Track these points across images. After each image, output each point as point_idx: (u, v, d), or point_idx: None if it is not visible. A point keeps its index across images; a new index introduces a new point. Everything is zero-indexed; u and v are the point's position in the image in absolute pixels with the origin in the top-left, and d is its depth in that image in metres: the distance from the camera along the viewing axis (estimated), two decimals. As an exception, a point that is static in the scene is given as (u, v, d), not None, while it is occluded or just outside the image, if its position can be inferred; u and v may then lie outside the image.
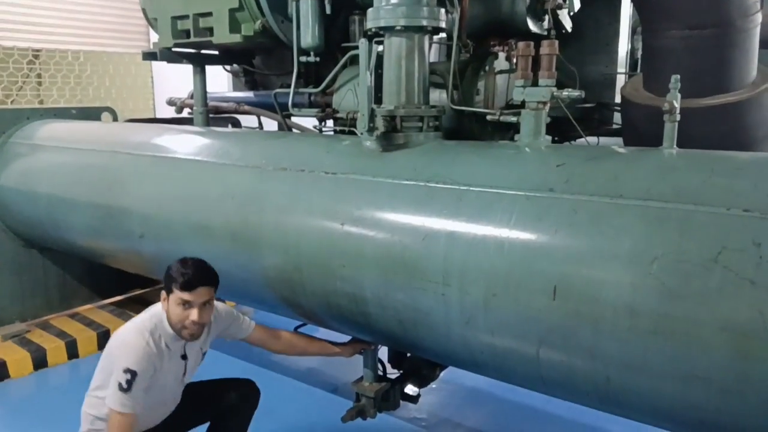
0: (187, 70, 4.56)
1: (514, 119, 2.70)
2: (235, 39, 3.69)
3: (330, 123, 3.76)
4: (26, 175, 4.31)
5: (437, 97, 3.11)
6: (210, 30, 3.82)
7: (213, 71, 4.62)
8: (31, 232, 4.49)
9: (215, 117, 4.85)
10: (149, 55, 4.41)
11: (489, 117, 2.88)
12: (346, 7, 3.44)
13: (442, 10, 2.83)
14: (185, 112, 5.09)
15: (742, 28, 2.74)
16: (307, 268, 2.71)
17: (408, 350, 3.00)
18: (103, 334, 4.57)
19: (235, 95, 4.97)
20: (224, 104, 4.75)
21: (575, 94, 2.51)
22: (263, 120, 4.72)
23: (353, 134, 3.09)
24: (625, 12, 3.77)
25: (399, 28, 2.73)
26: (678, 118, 2.24)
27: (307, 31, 3.33)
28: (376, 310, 2.55)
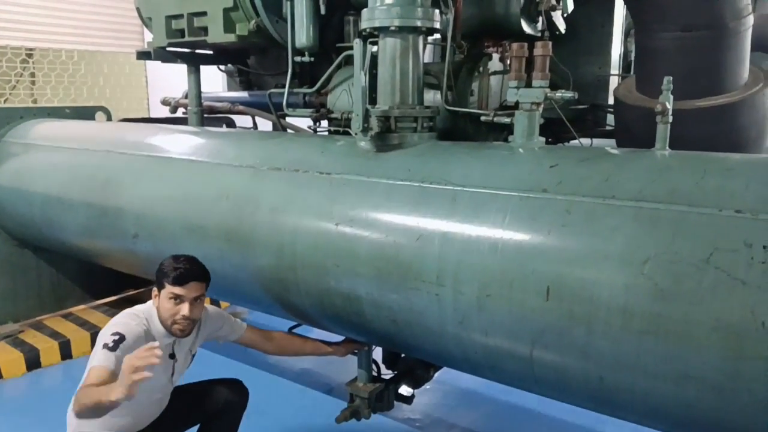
0: (181, 70, 4.55)
1: (507, 120, 2.71)
2: (230, 39, 3.69)
3: (324, 123, 3.76)
4: (20, 174, 4.29)
5: (431, 97, 3.12)
6: (204, 29, 3.82)
7: (207, 71, 4.61)
8: (25, 232, 4.48)
9: (209, 117, 4.85)
10: (143, 55, 4.40)
11: (483, 118, 2.88)
12: (340, 8, 3.44)
13: (437, 11, 2.83)
14: (179, 111, 5.09)
15: (734, 30, 2.76)
16: (301, 268, 2.71)
17: (402, 350, 3.01)
18: (97, 334, 4.51)
19: (229, 95, 4.96)
20: (219, 104, 4.75)
21: (568, 95, 2.52)
22: (258, 120, 4.72)
23: (348, 134, 3.09)
24: (619, 14, 3.78)
25: (393, 28, 2.74)
26: (670, 119, 2.25)
27: (302, 31, 3.34)
28: (371, 310, 2.55)
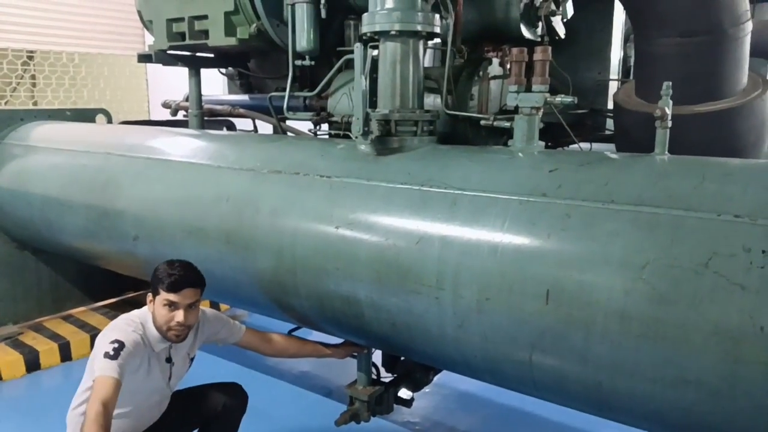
0: (182, 73, 4.56)
1: (507, 124, 2.72)
2: (231, 42, 3.70)
3: (325, 127, 3.77)
4: (20, 176, 4.29)
5: (431, 101, 3.13)
6: (205, 33, 3.83)
7: (208, 74, 4.63)
8: (25, 234, 4.48)
9: (210, 120, 4.86)
10: (144, 57, 4.41)
11: (483, 122, 2.89)
12: (341, 12, 3.46)
13: (437, 15, 2.85)
14: (180, 114, 5.10)
15: (733, 36, 2.77)
16: (301, 271, 2.71)
17: (401, 353, 3.01)
18: (96, 336, 4.53)
19: (230, 98, 4.97)
20: (219, 107, 4.76)
21: (568, 100, 2.53)
22: (258, 123, 4.73)
23: (348, 138, 3.10)
24: (618, 19, 3.80)
25: (394, 32, 2.75)
26: (669, 124, 2.26)
27: (303, 35, 3.35)
28: (370, 313, 2.56)
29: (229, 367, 4.28)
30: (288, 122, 3.95)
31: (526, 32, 3.25)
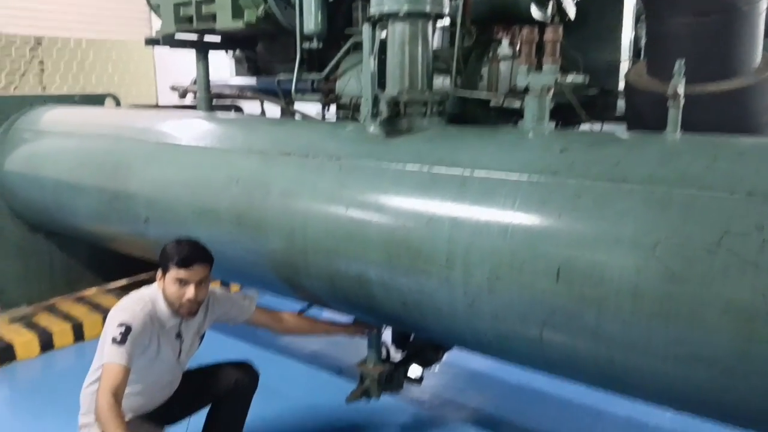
0: (189, 57, 4.56)
1: (517, 105, 2.71)
2: (238, 25, 3.69)
3: (333, 109, 3.77)
4: (32, 160, 4.32)
5: (441, 82, 3.11)
6: (213, 16, 3.82)
7: (216, 57, 4.62)
8: (37, 217, 4.52)
9: (217, 105, 4.87)
10: (152, 42, 4.41)
11: (492, 103, 2.88)
12: (349, -7, 3.44)
13: (446, -5, 2.83)
14: (189, 98, 5.11)
15: (747, 14, 2.73)
16: (312, 251, 2.73)
17: (412, 331, 3.03)
18: (108, 318, 4.60)
19: (238, 81, 4.97)
20: (227, 90, 4.76)
21: (579, 80, 2.52)
22: (266, 106, 4.73)
23: (357, 120, 3.10)
24: (629, -1, 3.75)
25: (402, 14, 2.73)
26: (682, 103, 2.25)
27: (310, 17, 3.33)
28: (381, 293, 2.57)
29: (241, 346, 4.33)
30: (296, 105, 3.94)
31: (536, 13, 3.22)
